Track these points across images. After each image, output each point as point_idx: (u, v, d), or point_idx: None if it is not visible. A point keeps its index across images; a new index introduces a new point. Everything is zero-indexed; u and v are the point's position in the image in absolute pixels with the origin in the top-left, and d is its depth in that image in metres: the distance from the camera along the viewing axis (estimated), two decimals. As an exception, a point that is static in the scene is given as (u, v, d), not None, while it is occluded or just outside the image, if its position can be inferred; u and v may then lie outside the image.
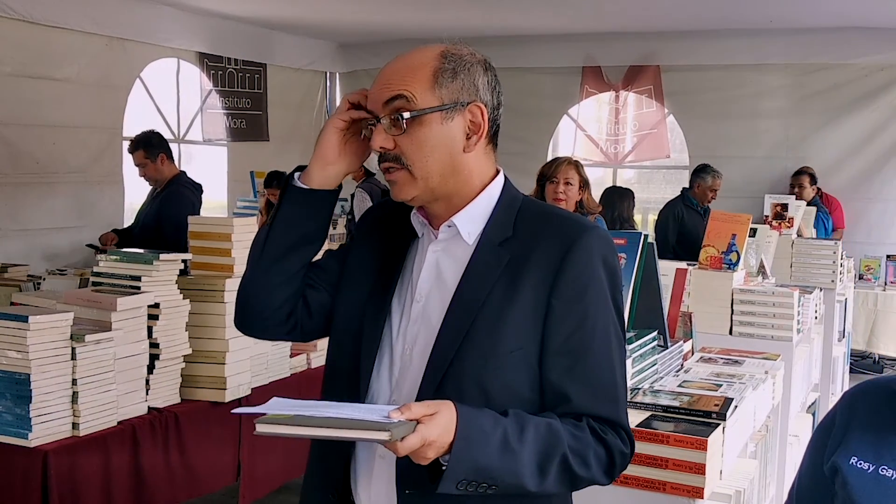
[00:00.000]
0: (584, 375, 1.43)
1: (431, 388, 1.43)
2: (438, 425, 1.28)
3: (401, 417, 1.26)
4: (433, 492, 1.33)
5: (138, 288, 2.93)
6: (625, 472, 1.53)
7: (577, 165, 4.28)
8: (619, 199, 6.05)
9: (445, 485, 1.31)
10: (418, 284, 1.51)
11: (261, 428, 1.25)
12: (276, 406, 1.33)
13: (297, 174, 1.57)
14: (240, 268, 3.20)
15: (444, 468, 1.31)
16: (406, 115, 1.43)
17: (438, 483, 1.31)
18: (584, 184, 4.27)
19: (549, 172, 4.24)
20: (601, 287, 1.46)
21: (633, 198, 6.50)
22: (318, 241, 1.59)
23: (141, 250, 3.10)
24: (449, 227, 1.51)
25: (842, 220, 7.96)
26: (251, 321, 1.64)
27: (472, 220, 1.50)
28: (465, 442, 1.30)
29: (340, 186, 1.58)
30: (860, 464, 1.35)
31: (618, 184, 9.49)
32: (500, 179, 1.54)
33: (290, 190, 1.56)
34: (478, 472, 1.32)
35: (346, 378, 1.53)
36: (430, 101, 1.44)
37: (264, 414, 1.28)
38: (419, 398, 1.43)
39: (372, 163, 6.84)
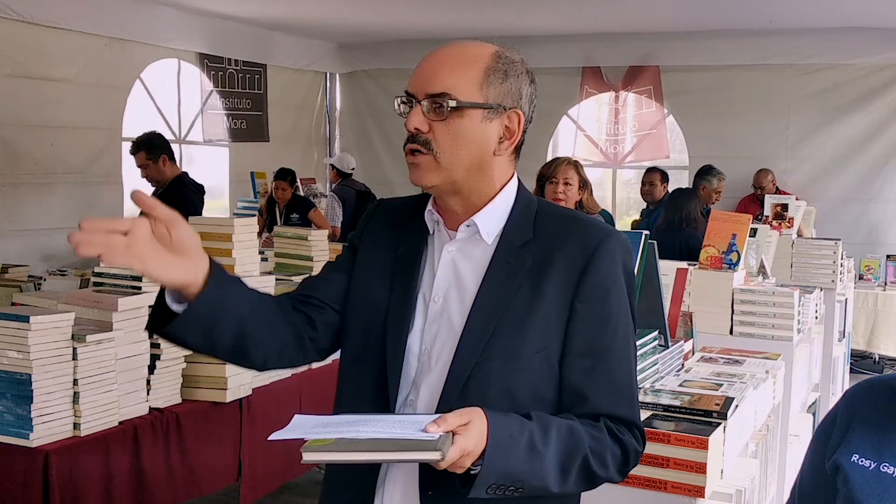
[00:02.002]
0: (604, 377, 1.46)
1: (456, 389, 1.43)
2: (474, 435, 1.29)
3: (439, 430, 1.26)
4: (457, 494, 1.34)
5: (139, 288, 2.93)
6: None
7: (576, 165, 4.28)
8: (686, 201, 5.97)
9: (476, 490, 1.32)
10: (435, 284, 1.51)
11: (307, 456, 1.25)
12: (304, 425, 1.32)
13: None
14: (240, 268, 3.21)
15: (473, 473, 1.32)
16: (452, 103, 1.43)
17: (469, 488, 1.32)
18: (584, 184, 4.26)
19: (549, 173, 4.24)
20: (622, 290, 1.49)
21: (700, 199, 6.38)
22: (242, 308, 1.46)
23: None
24: (468, 226, 1.51)
25: None
26: (263, 367, 1.57)
27: (491, 220, 1.51)
28: (496, 449, 1.31)
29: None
30: (862, 461, 1.35)
31: (617, 184, 9.51)
32: (514, 181, 1.55)
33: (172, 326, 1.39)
34: (507, 477, 1.33)
35: (373, 377, 1.51)
36: (476, 96, 1.46)
37: (303, 440, 1.27)
38: (443, 400, 1.44)
39: (344, 161, 6.83)
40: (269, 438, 1.32)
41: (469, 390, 1.43)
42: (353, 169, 8.34)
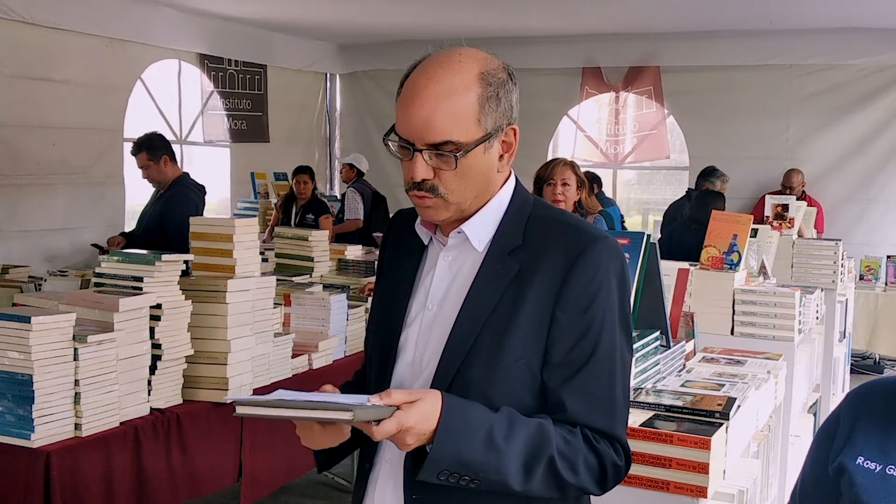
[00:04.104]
0: (582, 387, 1.42)
1: None
2: (418, 412, 1.30)
3: (379, 402, 1.28)
4: (441, 496, 1.35)
5: (140, 289, 2.92)
6: (629, 472, 1.53)
7: (572, 165, 4.27)
8: (713, 201, 5.98)
9: (426, 473, 1.32)
10: (430, 292, 1.51)
11: (240, 410, 1.30)
12: (273, 395, 1.36)
13: None
14: (241, 268, 3.21)
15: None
16: (459, 154, 1.40)
17: (419, 470, 1.32)
18: (581, 183, 4.26)
19: (546, 175, 4.23)
20: (607, 299, 1.43)
21: (725, 201, 6.43)
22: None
23: (143, 251, 3.10)
24: (459, 233, 1.50)
25: (821, 224, 7.92)
26: None
27: (483, 227, 1.49)
28: (447, 431, 1.31)
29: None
30: (867, 463, 1.34)
31: (618, 185, 9.52)
32: (511, 183, 1.53)
33: None
34: (460, 464, 1.32)
35: (374, 385, 1.55)
36: (476, 133, 1.41)
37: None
38: None
39: (361, 161, 6.85)
40: (225, 398, 1.38)
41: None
42: (367, 169, 8.38)
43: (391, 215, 1.73)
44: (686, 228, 5.73)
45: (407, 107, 1.41)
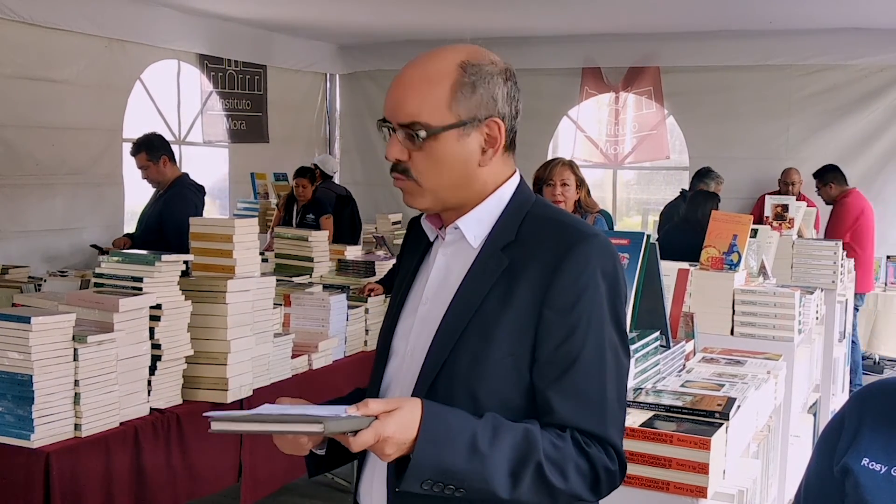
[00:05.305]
0: (570, 388, 1.39)
1: (424, 389, 1.43)
2: (396, 422, 1.29)
3: (356, 413, 1.28)
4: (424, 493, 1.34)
5: (140, 289, 2.93)
6: (628, 472, 1.52)
7: (571, 165, 4.27)
8: (704, 202, 5.99)
9: (408, 482, 1.31)
10: (426, 287, 1.52)
11: (214, 426, 1.30)
12: (257, 410, 1.38)
13: None
14: (241, 269, 3.21)
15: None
16: (422, 133, 1.42)
17: (402, 480, 1.31)
18: (581, 183, 4.26)
19: (545, 176, 4.23)
20: (596, 298, 1.41)
21: (719, 201, 6.45)
22: None
23: (143, 251, 3.10)
24: (455, 228, 1.50)
25: (817, 224, 7.90)
26: None
27: (479, 223, 1.49)
28: (428, 439, 1.30)
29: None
30: (872, 465, 1.34)
31: (617, 185, 9.51)
32: (513, 181, 1.52)
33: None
34: (443, 473, 1.31)
35: (373, 376, 1.58)
36: (447, 118, 1.42)
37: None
38: None
39: (328, 164, 6.87)
40: (205, 414, 1.39)
41: (436, 391, 1.41)
42: (335, 172, 8.33)
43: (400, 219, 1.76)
44: (680, 229, 5.73)
45: (389, 90, 1.47)
